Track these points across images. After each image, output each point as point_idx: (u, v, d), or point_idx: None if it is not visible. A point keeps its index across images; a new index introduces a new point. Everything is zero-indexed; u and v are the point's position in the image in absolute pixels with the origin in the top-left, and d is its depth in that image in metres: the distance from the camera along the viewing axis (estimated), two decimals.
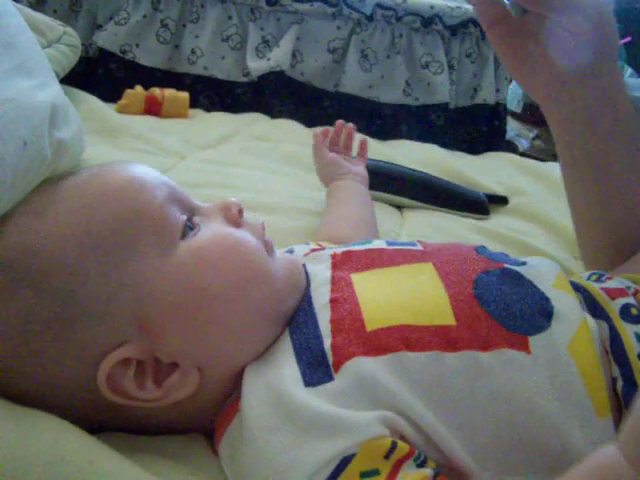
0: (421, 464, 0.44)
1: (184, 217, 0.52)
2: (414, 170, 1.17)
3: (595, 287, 0.59)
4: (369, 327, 0.50)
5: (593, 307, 0.56)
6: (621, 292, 0.57)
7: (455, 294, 0.52)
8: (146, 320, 0.48)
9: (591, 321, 0.53)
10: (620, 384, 0.50)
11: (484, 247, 0.62)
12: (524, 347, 0.49)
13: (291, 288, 0.54)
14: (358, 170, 0.97)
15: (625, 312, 0.55)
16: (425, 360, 0.48)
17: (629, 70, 2.35)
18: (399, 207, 1.13)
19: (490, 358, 0.48)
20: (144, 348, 0.48)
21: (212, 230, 0.52)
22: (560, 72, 0.68)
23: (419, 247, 0.60)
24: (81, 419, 0.47)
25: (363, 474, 0.43)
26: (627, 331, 0.53)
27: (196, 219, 0.53)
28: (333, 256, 0.59)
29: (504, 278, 0.55)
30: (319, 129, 1.04)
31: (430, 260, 0.57)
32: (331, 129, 1.03)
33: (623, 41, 2.25)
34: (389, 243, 0.62)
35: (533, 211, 1.14)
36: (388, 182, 1.11)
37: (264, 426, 0.45)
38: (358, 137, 1.05)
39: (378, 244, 0.61)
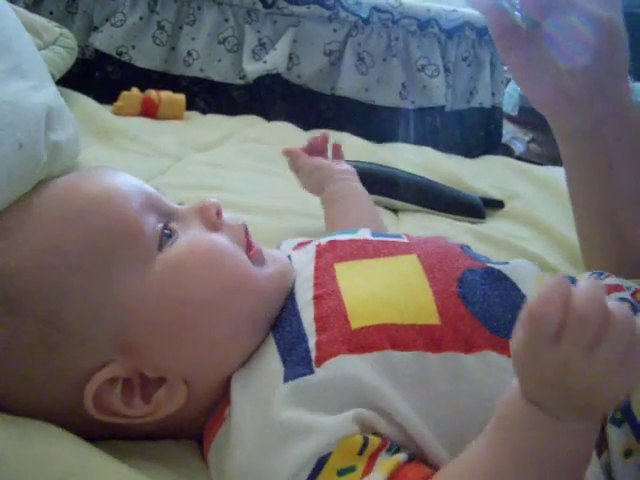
0: (395, 452, 0.45)
1: (160, 225, 0.51)
2: (410, 173, 1.17)
3: None
4: (354, 324, 0.49)
5: None
6: (617, 288, 0.58)
7: (439, 292, 0.52)
8: (128, 338, 0.47)
9: None
10: None
11: (468, 246, 0.62)
12: (506, 350, 0.49)
13: (280, 293, 0.54)
14: (343, 167, 0.90)
15: None
16: (409, 360, 0.48)
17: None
18: (395, 210, 1.12)
19: (473, 361, 0.48)
20: (129, 365, 0.47)
21: (189, 239, 0.51)
22: (567, 86, 0.67)
23: (404, 239, 0.60)
24: (72, 432, 0.46)
25: (340, 472, 0.43)
26: None
27: (173, 225, 0.52)
28: (317, 245, 0.59)
29: (487, 278, 0.55)
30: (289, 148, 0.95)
31: (414, 252, 0.57)
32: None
33: None
34: (374, 234, 0.61)
35: (529, 215, 1.14)
36: (384, 185, 1.11)
37: (248, 434, 0.46)
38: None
39: (363, 234, 0.61)
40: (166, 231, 0.51)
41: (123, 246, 0.48)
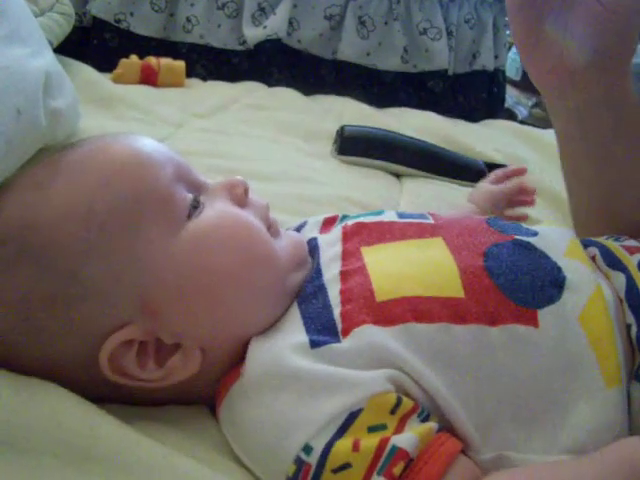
0: (425, 419, 0.45)
1: (190, 196, 0.51)
2: (413, 138, 1.17)
3: (614, 243, 0.59)
4: (379, 298, 0.50)
5: (610, 260, 0.57)
6: (639, 249, 0.58)
7: (465, 266, 0.52)
8: (150, 301, 0.47)
9: (606, 290, 0.53)
10: (634, 330, 0.51)
11: (496, 218, 0.61)
12: (532, 321, 0.49)
13: (295, 265, 0.54)
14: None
15: None
16: (434, 331, 0.48)
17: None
18: (398, 175, 1.12)
19: (498, 333, 0.48)
20: (147, 328, 0.47)
21: (217, 210, 0.52)
22: (571, 61, 0.64)
23: (430, 220, 0.60)
24: (81, 392, 0.47)
25: (370, 428, 0.43)
26: None
27: (201, 197, 0.53)
28: (344, 227, 0.59)
29: (515, 249, 0.54)
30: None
31: (440, 235, 0.56)
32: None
33: None
34: (400, 215, 0.61)
35: (533, 180, 1.13)
36: (387, 150, 1.10)
37: (269, 387, 0.46)
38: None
39: (389, 216, 0.61)
40: (194, 202, 0.51)
41: (153, 210, 0.48)
